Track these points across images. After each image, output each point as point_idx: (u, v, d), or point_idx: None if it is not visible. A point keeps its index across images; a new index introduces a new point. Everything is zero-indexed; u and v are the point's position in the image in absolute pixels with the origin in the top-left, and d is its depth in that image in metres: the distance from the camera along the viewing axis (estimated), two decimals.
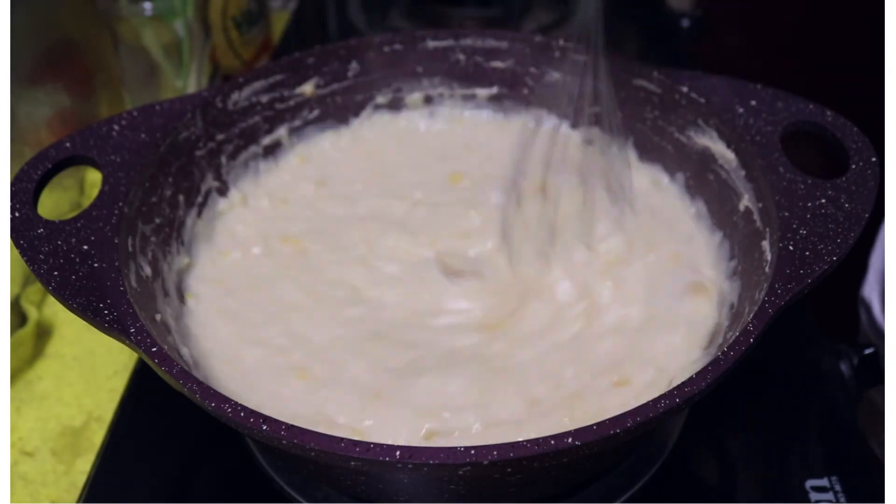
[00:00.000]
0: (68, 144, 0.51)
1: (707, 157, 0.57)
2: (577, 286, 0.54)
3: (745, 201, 0.52)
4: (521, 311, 0.53)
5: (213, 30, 0.84)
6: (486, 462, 0.35)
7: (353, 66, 0.65)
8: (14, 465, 0.58)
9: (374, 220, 0.60)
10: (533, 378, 0.48)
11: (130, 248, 0.48)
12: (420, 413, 0.46)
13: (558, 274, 0.54)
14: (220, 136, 0.59)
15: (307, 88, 0.64)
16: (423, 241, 0.58)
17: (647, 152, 0.63)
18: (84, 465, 0.58)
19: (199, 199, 0.58)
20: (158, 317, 0.48)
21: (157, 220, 0.53)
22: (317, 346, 0.51)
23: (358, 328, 0.52)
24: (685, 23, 0.99)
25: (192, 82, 0.83)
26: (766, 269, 0.46)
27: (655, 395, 0.38)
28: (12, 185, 0.48)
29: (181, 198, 0.56)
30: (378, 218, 0.60)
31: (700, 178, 0.58)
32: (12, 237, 0.45)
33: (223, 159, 0.60)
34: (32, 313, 0.66)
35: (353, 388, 0.48)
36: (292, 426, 0.37)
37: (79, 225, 0.47)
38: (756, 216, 0.51)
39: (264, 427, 0.37)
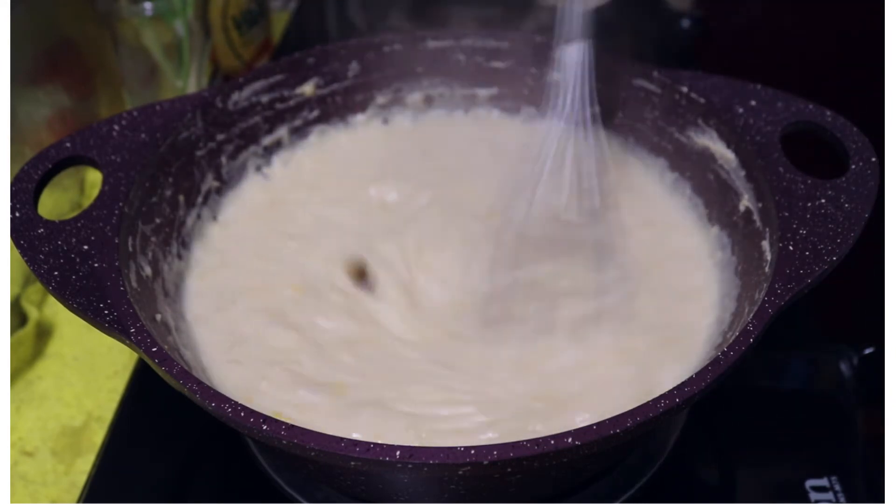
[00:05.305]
0: (68, 144, 0.51)
1: (707, 157, 0.57)
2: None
3: (745, 201, 0.52)
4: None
5: (213, 30, 0.84)
6: (486, 462, 0.35)
7: (353, 66, 0.65)
8: (14, 465, 0.58)
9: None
10: None
11: (130, 248, 0.48)
12: None
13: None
14: (220, 136, 0.59)
15: (307, 88, 0.64)
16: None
17: (647, 152, 0.63)
18: (84, 465, 0.58)
19: (200, 199, 0.59)
20: (158, 317, 0.48)
21: (158, 220, 0.53)
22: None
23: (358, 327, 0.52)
24: (685, 23, 0.99)
25: (192, 82, 0.82)
26: (766, 269, 0.46)
27: None
28: (12, 185, 0.48)
29: (181, 198, 0.56)
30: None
31: (700, 178, 0.58)
32: (12, 237, 0.45)
33: (223, 159, 0.60)
34: (32, 313, 0.66)
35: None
36: (292, 426, 0.37)
37: (79, 225, 0.47)
38: (756, 216, 0.51)
39: (264, 427, 0.37)
